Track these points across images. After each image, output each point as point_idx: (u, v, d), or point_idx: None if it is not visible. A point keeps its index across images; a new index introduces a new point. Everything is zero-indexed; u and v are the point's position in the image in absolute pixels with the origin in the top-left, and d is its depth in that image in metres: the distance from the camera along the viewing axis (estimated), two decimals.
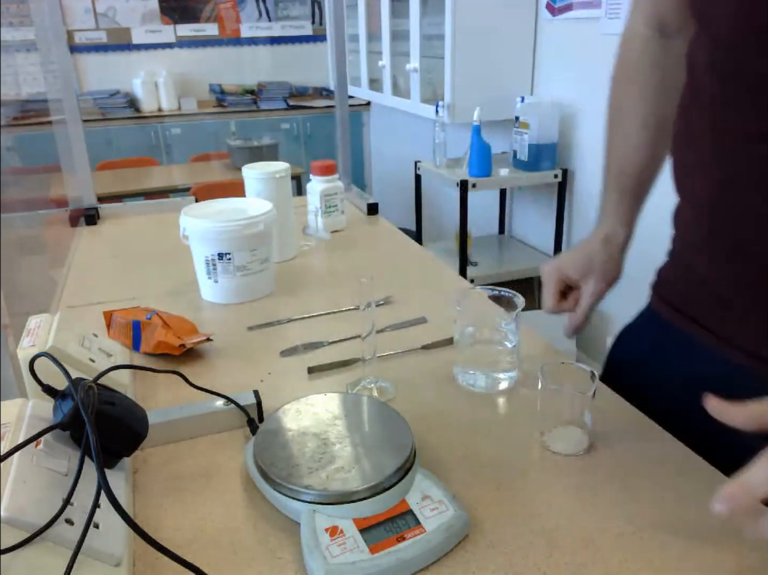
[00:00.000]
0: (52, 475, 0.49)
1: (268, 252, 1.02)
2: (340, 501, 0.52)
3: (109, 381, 0.63)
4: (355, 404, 0.65)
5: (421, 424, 0.64)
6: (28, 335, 0.70)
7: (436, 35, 2.66)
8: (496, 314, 0.76)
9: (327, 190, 1.29)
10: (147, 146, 3.88)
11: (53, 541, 0.44)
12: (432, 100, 2.67)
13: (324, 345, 0.86)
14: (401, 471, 0.55)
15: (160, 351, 0.81)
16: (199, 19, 4.17)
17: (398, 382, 0.77)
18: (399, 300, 0.99)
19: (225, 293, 1.00)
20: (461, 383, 0.76)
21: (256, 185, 1.13)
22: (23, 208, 1.71)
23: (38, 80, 3.71)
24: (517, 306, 0.73)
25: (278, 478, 0.55)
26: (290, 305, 0.99)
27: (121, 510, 0.45)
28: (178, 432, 0.66)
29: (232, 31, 4.24)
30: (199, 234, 0.97)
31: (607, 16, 2.15)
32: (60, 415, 0.52)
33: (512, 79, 2.58)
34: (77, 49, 3.97)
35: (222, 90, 4.20)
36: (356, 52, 3.47)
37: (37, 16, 1.35)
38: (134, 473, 0.62)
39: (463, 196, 2.35)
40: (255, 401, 0.68)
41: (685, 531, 0.53)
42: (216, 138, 3.81)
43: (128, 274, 1.15)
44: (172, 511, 0.57)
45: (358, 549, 0.49)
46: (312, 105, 4.15)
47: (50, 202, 2.12)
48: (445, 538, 0.51)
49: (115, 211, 1.50)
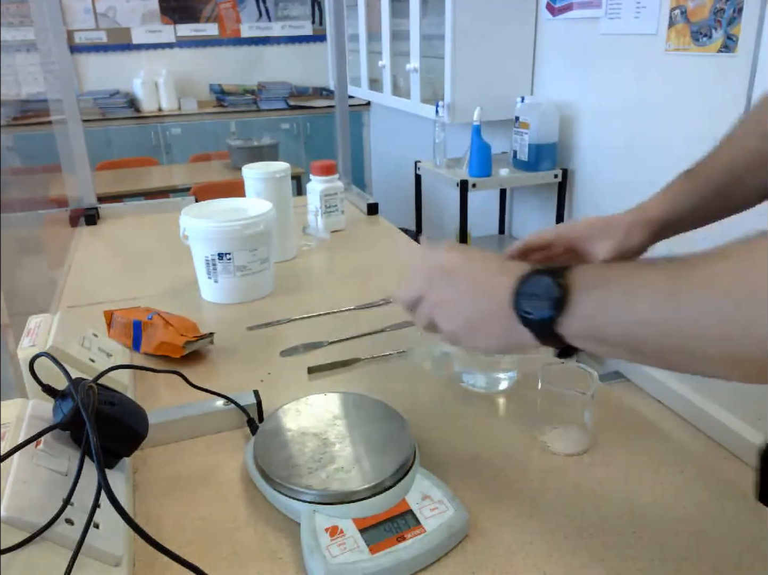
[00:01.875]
0: (52, 475, 0.49)
1: (268, 252, 1.02)
2: (340, 501, 0.52)
3: (109, 381, 0.63)
4: (355, 404, 0.65)
5: (421, 424, 0.64)
6: (28, 335, 0.70)
7: (436, 35, 2.66)
8: None
9: (327, 190, 1.29)
10: (147, 146, 3.88)
11: (53, 541, 0.44)
12: (432, 100, 2.67)
13: (324, 345, 0.86)
14: (401, 471, 0.55)
15: (161, 353, 0.81)
16: (199, 19, 4.16)
17: (398, 382, 0.77)
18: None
19: (225, 293, 1.00)
20: (461, 383, 0.76)
21: (256, 185, 1.13)
22: (23, 208, 1.71)
23: (38, 80, 3.71)
24: None
25: (278, 478, 0.55)
26: (290, 305, 0.99)
27: (121, 510, 0.45)
28: (178, 432, 0.66)
29: (232, 31, 4.24)
30: (199, 234, 0.97)
31: (607, 16, 2.15)
32: (60, 415, 0.52)
33: (512, 79, 2.58)
34: (77, 49, 3.97)
35: (222, 90, 4.20)
36: (356, 52, 3.47)
37: (37, 16, 1.36)
38: (134, 473, 0.62)
39: (463, 196, 2.35)
40: (255, 401, 0.68)
41: (685, 532, 0.53)
42: (216, 138, 3.80)
43: (128, 274, 1.15)
44: (172, 511, 0.57)
45: (358, 549, 0.49)
46: (312, 105, 4.15)
47: (50, 202, 2.12)
48: (445, 538, 0.51)
49: (115, 211, 1.50)
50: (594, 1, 2.20)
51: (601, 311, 0.45)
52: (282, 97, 4.19)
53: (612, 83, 2.18)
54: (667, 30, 1.95)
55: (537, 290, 0.47)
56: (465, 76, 2.50)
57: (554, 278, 0.46)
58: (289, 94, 4.22)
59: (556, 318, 0.46)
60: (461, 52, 2.47)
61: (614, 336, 0.45)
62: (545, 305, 0.46)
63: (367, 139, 4.46)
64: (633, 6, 2.06)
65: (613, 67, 2.16)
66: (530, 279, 0.48)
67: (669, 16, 1.94)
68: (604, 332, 0.45)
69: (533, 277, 0.48)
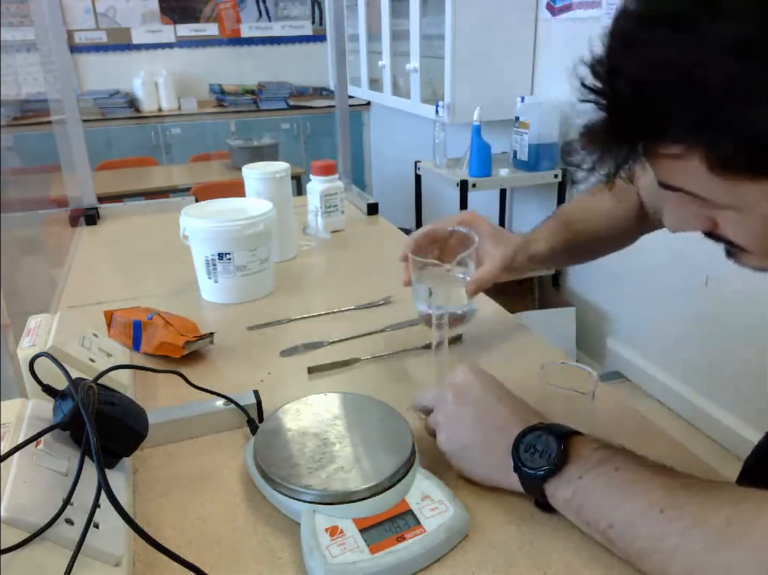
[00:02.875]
0: (52, 475, 0.49)
1: (268, 252, 1.02)
2: (340, 501, 0.52)
3: (109, 381, 0.63)
4: (355, 404, 0.65)
5: (421, 424, 0.64)
6: (28, 335, 0.69)
7: (436, 35, 2.66)
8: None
9: (327, 190, 1.29)
10: (147, 146, 3.88)
11: (53, 541, 0.44)
12: (432, 100, 2.66)
13: (324, 345, 0.86)
14: (401, 471, 0.55)
15: (161, 353, 0.81)
16: (199, 19, 4.16)
17: (398, 382, 0.77)
18: (399, 300, 0.98)
19: (225, 293, 1.00)
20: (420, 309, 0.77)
21: (256, 185, 1.13)
22: (23, 208, 1.71)
23: (38, 80, 3.71)
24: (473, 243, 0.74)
25: (278, 478, 0.55)
26: (290, 305, 0.99)
27: (121, 510, 0.45)
28: (178, 432, 0.66)
29: (232, 31, 4.23)
30: (199, 234, 0.97)
31: (607, 16, 2.15)
32: (60, 415, 0.52)
33: (512, 79, 2.57)
34: (77, 49, 3.97)
35: (222, 90, 4.19)
36: (356, 52, 3.47)
37: (37, 16, 1.36)
38: (134, 473, 0.62)
39: (463, 196, 2.35)
40: (255, 401, 0.68)
41: None
42: (216, 138, 3.80)
43: (128, 274, 1.15)
44: (172, 511, 0.57)
45: (358, 549, 0.49)
46: (312, 105, 4.15)
47: (50, 202, 2.12)
48: (445, 538, 0.51)
49: (115, 211, 1.50)
50: (594, 1, 2.20)
51: (587, 500, 0.49)
52: (282, 97, 4.19)
53: None
54: None
55: (539, 446, 0.52)
56: (465, 76, 2.50)
57: (558, 442, 0.51)
58: (289, 94, 4.22)
59: (548, 478, 0.51)
60: (461, 52, 2.46)
61: (592, 524, 0.49)
62: (542, 464, 0.51)
63: (367, 139, 4.46)
64: None
65: None
66: (534, 433, 0.53)
67: None
68: (585, 515, 0.50)
69: (536, 432, 0.53)
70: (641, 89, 0.41)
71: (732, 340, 1.94)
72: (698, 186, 0.45)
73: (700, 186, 0.44)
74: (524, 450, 0.52)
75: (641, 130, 0.43)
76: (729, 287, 1.89)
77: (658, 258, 2.10)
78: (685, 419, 2.13)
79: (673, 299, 2.14)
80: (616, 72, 0.42)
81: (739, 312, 1.85)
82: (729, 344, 1.96)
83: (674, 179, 0.46)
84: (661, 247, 2.05)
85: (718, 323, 1.98)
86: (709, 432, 2.05)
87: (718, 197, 0.44)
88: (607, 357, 2.47)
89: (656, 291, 2.19)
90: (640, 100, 0.41)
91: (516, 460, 0.52)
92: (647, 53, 0.41)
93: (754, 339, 1.84)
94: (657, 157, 0.45)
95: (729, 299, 1.88)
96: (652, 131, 0.43)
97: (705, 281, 1.98)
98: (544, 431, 0.52)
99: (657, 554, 0.45)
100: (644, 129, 0.43)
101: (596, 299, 2.51)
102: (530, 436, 0.53)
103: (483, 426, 0.56)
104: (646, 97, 0.41)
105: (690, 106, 0.40)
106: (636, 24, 0.42)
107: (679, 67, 0.39)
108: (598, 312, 2.50)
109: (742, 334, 1.89)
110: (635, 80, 0.41)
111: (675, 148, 0.42)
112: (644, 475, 0.48)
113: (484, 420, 0.56)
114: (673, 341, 2.19)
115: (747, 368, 1.90)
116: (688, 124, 0.41)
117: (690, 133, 0.41)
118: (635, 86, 0.41)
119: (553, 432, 0.52)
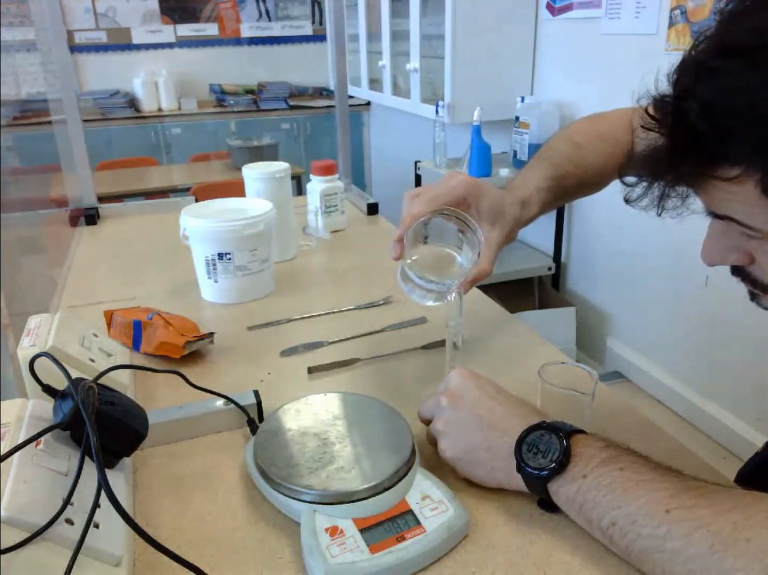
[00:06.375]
0: (52, 475, 0.49)
1: (268, 252, 1.02)
2: (340, 501, 0.52)
3: (109, 381, 0.63)
4: (355, 404, 0.65)
5: (421, 424, 0.64)
6: (28, 335, 0.69)
7: (436, 35, 2.66)
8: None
9: (327, 190, 1.29)
10: (147, 146, 3.88)
11: (53, 541, 0.44)
12: (432, 100, 2.66)
13: (324, 345, 0.86)
14: (401, 471, 0.55)
15: (161, 353, 0.81)
16: (199, 19, 4.16)
17: (398, 382, 0.77)
18: (399, 300, 0.98)
19: (225, 293, 1.00)
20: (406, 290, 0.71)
21: (256, 185, 1.13)
22: (23, 208, 1.71)
23: (38, 80, 3.70)
24: (474, 230, 0.67)
25: (278, 478, 0.55)
26: (290, 305, 0.99)
27: (122, 510, 0.45)
28: (178, 432, 0.66)
29: (232, 31, 4.23)
30: (199, 234, 0.97)
31: (607, 16, 2.15)
32: (60, 415, 0.52)
33: (512, 79, 2.57)
34: (77, 49, 3.97)
35: (222, 90, 4.19)
36: (356, 52, 3.47)
37: (37, 16, 1.35)
38: (134, 473, 0.62)
39: None
40: (255, 401, 0.68)
41: None
42: (216, 138, 3.80)
43: (128, 274, 1.15)
44: (172, 511, 0.57)
45: (358, 549, 0.49)
46: (312, 105, 4.15)
47: (50, 202, 2.12)
48: (445, 538, 0.51)
49: (115, 211, 1.50)
50: (594, 1, 2.20)
51: (590, 498, 0.49)
52: (282, 97, 4.19)
53: (612, 83, 2.18)
54: (667, 30, 1.95)
55: (541, 445, 0.52)
56: (465, 76, 2.50)
57: (561, 442, 0.51)
58: (289, 94, 4.22)
59: (553, 477, 0.51)
60: (461, 52, 2.47)
61: (594, 521, 0.49)
62: (546, 463, 0.51)
63: (367, 139, 4.46)
64: (633, 6, 2.06)
65: (613, 67, 2.16)
66: (536, 432, 0.53)
67: (669, 16, 1.94)
68: (587, 513, 0.50)
69: (539, 431, 0.53)
70: (710, 111, 0.43)
71: (732, 340, 1.94)
72: (747, 213, 0.46)
73: (750, 213, 0.46)
74: (527, 449, 0.52)
75: (704, 149, 0.44)
76: (729, 287, 1.89)
77: (658, 259, 2.10)
78: (685, 420, 2.13)
79: (673, 300, 2.14)
80: (687, 96, 0.44)
81: (739, 313, 1.85)
82: (729, 345, 1.96)
83: (724, 206, 0.47)
84: (662, 248, 2.06)
85: (718, 324, 1.98)
86: (709, 432, 2.05)
87: (766, 225, 0.46)
88: (607, 357, 2.47)
89: (656, 291, 2.19)
90: (707, 120, 0.43)
91: (519, 461, 0.52)
92: (721, 80, 0.43)
93: (754, 339, 1.84)
94: (711, 180, 0.46)
95: (729, 299, 1.88)
96: (714, 152, 0.44)
97: (705, 282, 1.98)
98: (547, 430, 0.52)
99: (660, 554, 0.45)
100: (707, 149, 0.44)
101: (596, 299, 2.51)
102: (532, 435, 0.53)
103: (482, 429, 0.56)
104: (713, 117, 0.43)
105: (753, 129, 0.41)
106: (711, 55, 0.44)
107: (749, 93, 0.41)
108: (598, 312, 2.50)
109: (742, 334, 1.89)
110: (706, 103, 0.43)
111: (732, 170, 0.44)
112: (650, 476, 0.48)
113: (483, 423, 0.56)
114: (673, 341, 2.19)
115: (747, 369, 1.90)
116: (748, 147, 0.42)
117: (749, 156, 0.42)
118: (705, 107, 0.43)
119: (555, 431, 0.52)
